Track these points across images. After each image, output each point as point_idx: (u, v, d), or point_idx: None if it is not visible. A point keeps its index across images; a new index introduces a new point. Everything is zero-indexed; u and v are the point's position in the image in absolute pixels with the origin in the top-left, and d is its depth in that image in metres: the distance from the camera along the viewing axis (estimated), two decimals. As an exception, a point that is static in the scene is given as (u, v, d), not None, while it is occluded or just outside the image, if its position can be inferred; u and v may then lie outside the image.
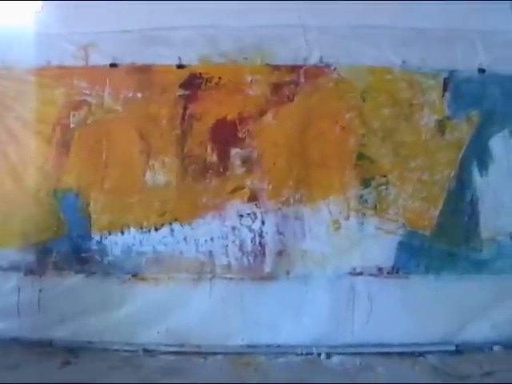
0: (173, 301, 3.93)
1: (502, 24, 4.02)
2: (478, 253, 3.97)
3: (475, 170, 4.00)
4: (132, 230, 3.95)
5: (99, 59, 4.01)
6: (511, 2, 4.07)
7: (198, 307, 3.92)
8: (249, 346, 3.93)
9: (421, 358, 3.86)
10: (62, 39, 4.01)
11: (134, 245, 3.95)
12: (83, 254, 3.96)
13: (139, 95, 3.99)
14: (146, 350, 3.89)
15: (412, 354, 3.89)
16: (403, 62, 3.98)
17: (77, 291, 3.94)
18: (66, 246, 3.96)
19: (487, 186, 3.99)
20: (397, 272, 3.95)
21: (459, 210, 3.99)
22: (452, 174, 3.98)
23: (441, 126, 3.99)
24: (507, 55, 3.99)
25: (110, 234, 3.95)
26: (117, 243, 3.95)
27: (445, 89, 3.99)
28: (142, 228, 3.94)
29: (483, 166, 4.00)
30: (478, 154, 4.01)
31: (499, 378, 3.55)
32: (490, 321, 3.95)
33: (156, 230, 3.94)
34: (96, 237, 3.96)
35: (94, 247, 3.96)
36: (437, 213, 3.97)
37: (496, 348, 3.94)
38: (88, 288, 3.94)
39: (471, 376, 3.60)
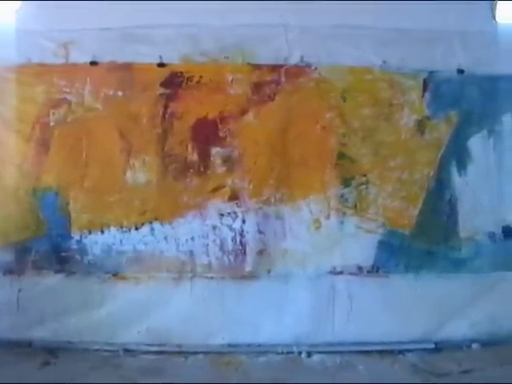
0: (153, 300, 3.93)
1: (480, 25, 4.07)
2: (456, 252, 4.02)
3: (454, 170, 4.05)
4: (112, 229, 3.93)
5: (79, 57, 3.97)
6: (491, 2, 4.13)
7: (178, 306, 3.92)
8: (230, 345, 3.94)
9: (400, 356, 3.91)
10: (42, 37, 3.96)
11: (114, 244, 3.93)
12: (63, 254, 3.93)
13: (120, 93, 3.97)
14: (126, 350, 3.88)
15: (392, 352, 3.93)
16: (383, 62, 4.00)
17: (56, 291, 3.91)
18: (46, 245, 3.93)
19: (466, 185, 4.03)
20: (377, 271, 3.99)
21: (438, 210, 4.04)
22: (431, 173, 4.02)
23: (420, 126, 4.03)
24: (486, 56, 4.04)
25: (89, 233, 3.92)
26: (97, 242, 3.93)
27: (424, 89, 4.02)
28: (122, 227, 3.92)
29: (462, 166, 4.05)
30: (456, 153, 4.06)
31: (478, 376, 3.60)
32: (468, 319, 4.01)
33: (136, 229, 3.93)
34: (76, 236, 3.92)
35: (74, 246, 3.93)
36: (416, 212, 4.01)
37: (474, 346, 3.99)
38: (68, 288, 3.92)
39: (450, 374, 3.65)
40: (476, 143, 4.06)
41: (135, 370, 3.67)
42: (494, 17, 4.09)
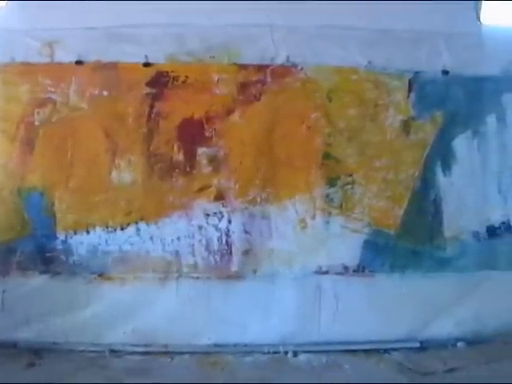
0: (139, 300, 3.91)
1: (465, 26, 4.09)
2: (441, 251, 4.05)
3: (439, 170, 4.07)
4: (98, 229, 3.90)
5: (64, 56, 3.94)
6: (475, 3, 4.15)
7: (164, 307, 3.91)
8: (216, 345, 3.93)
9: (386, 355, 3.92)
10: (27, 35, 3.92)
11: (100, 244, 3.91)
12: (48, 254, 3.90)
13: (105, 93, 3.94)
14: (112, 351, 3.85)
15: (377, 351, 3.95)
16: (369, 62, 4.01)
17: (42, 291, 3.88)
18: (31, 245, 3.89)
19: (451, 185, 4.06)
20: (362, 270, 4.00)
21: (423, 209, 4.06)
22: (416, 173, 4.05)
23: (406, 126, 4.05)
24: (470, 57, 4.06)
25: (75, 233, 3.89)
26: (82, 243, 3.90)
27: (410, 89, 4.04)
28: (107, 227, 3.90)
29: (447, 166, 4.08)
30: (441, 154, 4.08)
31: (463, 374, 3.63)
32: (453, 318, 4.04)
33: (122, 229, 3.91)
34: (61, 236, 3.89)
35: (59, 247, 3.90)
36: (401, 212, 4.03)
37: (459, 344, 4.02)
38: (53, 288, 3.89)
39: (435, 372, 3.67)
40: (461, 144, 4.09)
41: (121, 370, 3.65)
42: (478, 18, 4.12)
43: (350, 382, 3.57)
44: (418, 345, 3.99)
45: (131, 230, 3.91)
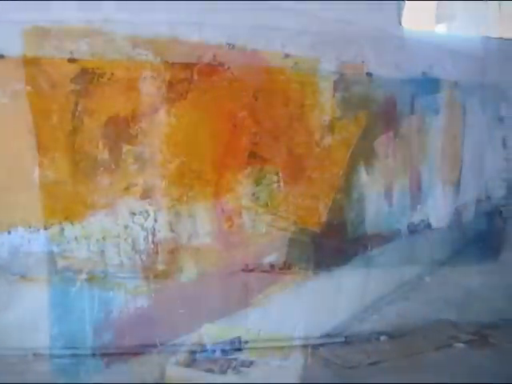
0: (64, 302, 3.81)
1: (388, 30, 4.23)
2: (365, 248, 4.19)
3: (362, 169, 4.21)
4: (20, 229, 3.77)
5: (-14, 50, 3.82)
6: (398, 5, 4.31)
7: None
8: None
9: (313, 350, 3.99)
10: None
11: (22, 245, 3.78)
12: (-32, 256, 3.77)
13: (28, 88, 3.80)
14: (35, 354, 3.76)
15: (305, 346, 4.00)
16: (295, 63, 4.06)
17: (-39, 294, 3.75)
18: (-51, 247, 3.75)
19: (373, 184, 4.22)
20: (288, 268, 4.07)
21: (347, 208, 4.18)
22: (341, 172, 4.16)
23: (330, 126, 4.14)
24: (393, 60, 4.22)
25: (-4, 233, 3.80)
26: (3, 243, 3.76)
27: (335, 90, 4.14)
28: (30, 227, 3.78)
29: (369, 165, 4.22)
30: (364, 153, 4.22)
31: (385, 367, 3.77)
32: (377, 312, 4.20)
33: (45, 229, 3.79)
34: (-19, 237, 3.79)
35: (-20, 248, 3.79)
36: (326, 210, 4.13)
37: (382, 338, 4.17)
38: (-27, 291, 3.77)
39: (359, 365, 3.79)
40: (383, 143, 4.25)
41: (45, 374, 3.58)
42: (400, 22, 4.30)
43: (279, 381, 3.61)
44: (343, 340, 4.10)
45: (55, 229, 3.81)
